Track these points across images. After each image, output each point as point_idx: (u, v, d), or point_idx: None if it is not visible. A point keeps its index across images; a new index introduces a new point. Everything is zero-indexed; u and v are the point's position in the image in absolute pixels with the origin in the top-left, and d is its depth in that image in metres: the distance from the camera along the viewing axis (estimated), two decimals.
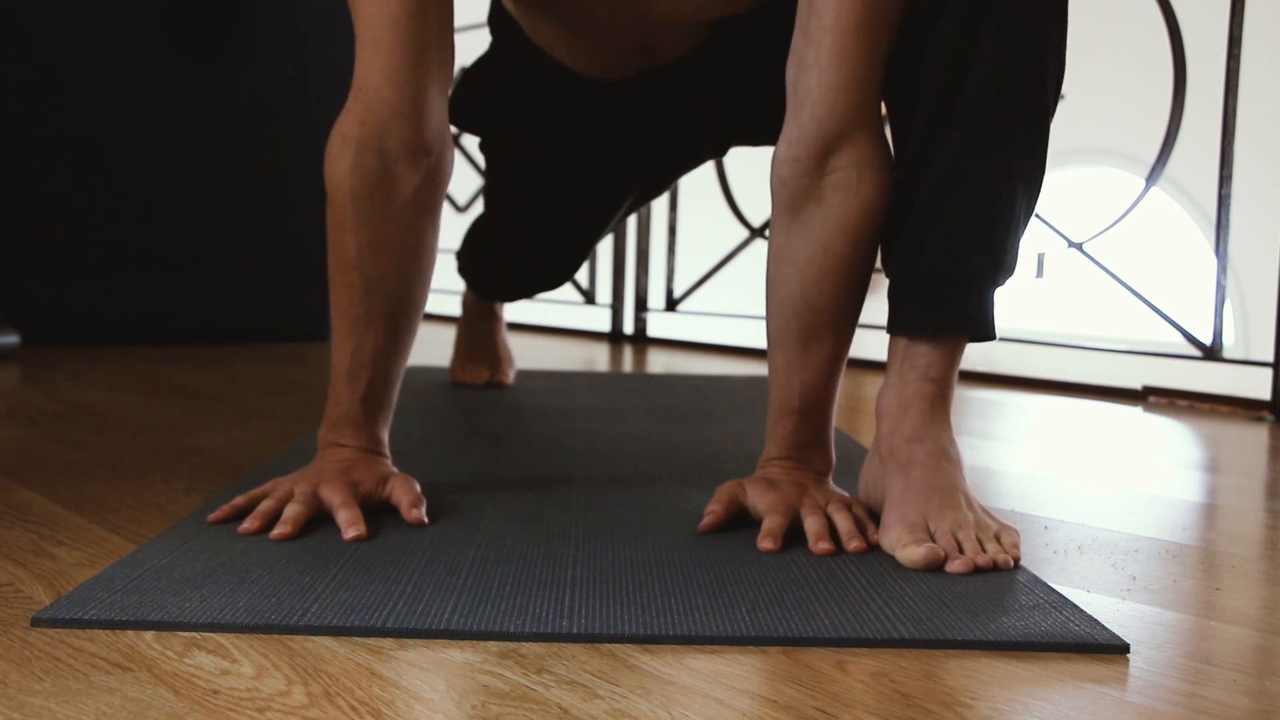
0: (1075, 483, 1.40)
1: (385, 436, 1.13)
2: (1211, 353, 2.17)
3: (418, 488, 1.08)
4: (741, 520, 1.08)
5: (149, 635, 0.77)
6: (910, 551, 0.95)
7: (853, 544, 0.99)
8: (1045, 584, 0.92)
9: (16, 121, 2.47)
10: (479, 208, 3.54)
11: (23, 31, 2.46)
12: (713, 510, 1.07)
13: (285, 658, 0.74)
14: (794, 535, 1.03)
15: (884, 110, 1.09)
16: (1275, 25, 4.31)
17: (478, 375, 2.01)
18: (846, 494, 1.09)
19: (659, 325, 3.17)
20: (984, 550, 0.96)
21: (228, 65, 2.65)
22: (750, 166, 3.69)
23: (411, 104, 1.07)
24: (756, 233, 2.90)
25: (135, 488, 1.20)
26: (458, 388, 1.96)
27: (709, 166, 2.98)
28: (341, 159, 1.07)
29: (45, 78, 2.48)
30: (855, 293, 1.09)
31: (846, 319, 1.09)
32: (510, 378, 2.03)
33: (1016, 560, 0.97)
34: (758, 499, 1.06)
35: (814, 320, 1.08)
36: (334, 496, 1.03)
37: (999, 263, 1.05)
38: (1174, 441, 1.82)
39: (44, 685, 0.69)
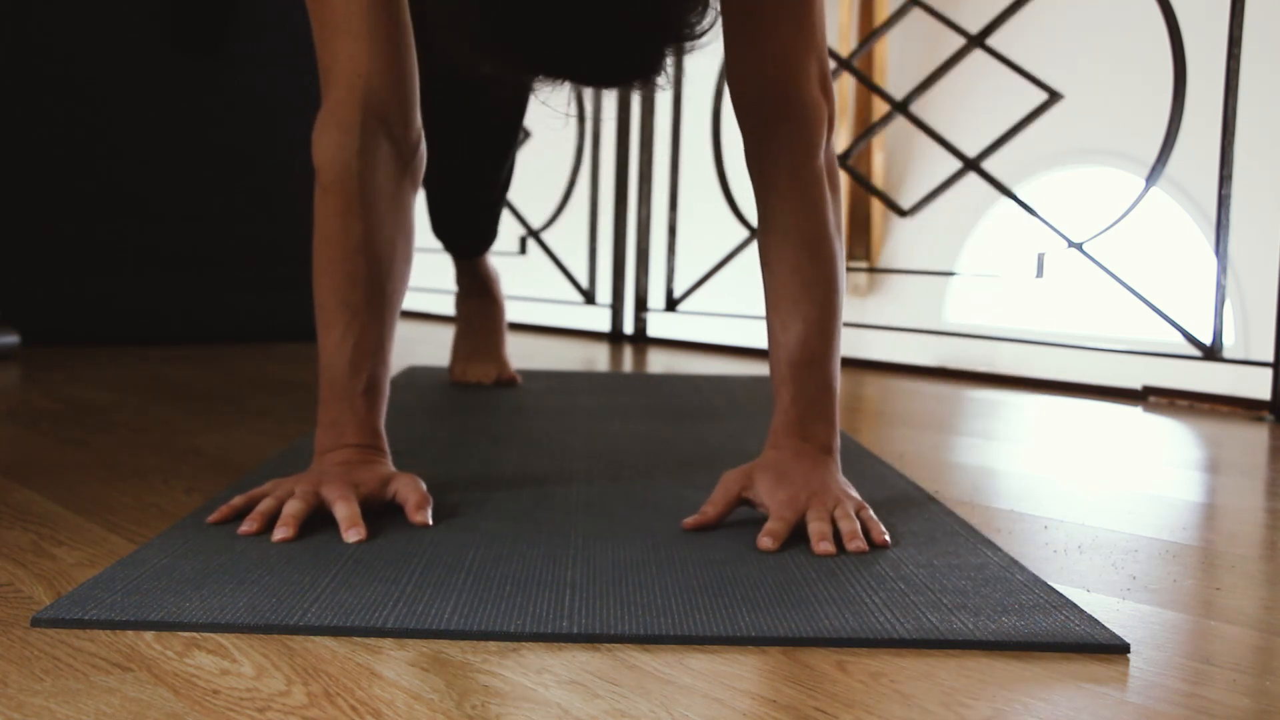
0: (1075, 483, 1.40)
1: (383, 430, 1.12)
2: (1211, 353, 2.18)
3: (423, 487, 1.08)
4: (740, 519, 1.08)
5: (149, 635, 0.77)
6: None
7: (854, 544, 0.99)
8: (1045, 583, 0.92)
9: (16, 122, 2.47)
10: None
11: (23, 32, 2.46)
12: (705, 512, 1.06)
13: (285, 658, 0.74)
14: (795, 532, 1.03)
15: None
16: (1275, 25, 4.31)
17: (483, 375, 1.99)
18: (856, 494, 1.08)
19: (659, 325, 3.17)
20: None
21: (228, 65, 2.65)
22: None
23: (406, 84, 1.11)
24: (756, 233, 2.90)
25: (135, 488, 1.20)
26: (458, 388, 1.96)
27: (709, 167, 2.98)
28: (345, 145, 1.08)
29: (45, 78, 2.48)
30: (804, 249, 1.10)
31: (808, 278, 1.10)
32: (496, 379, 2.00)
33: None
34: (766, 494, 1.05)
35: (775, 283, 1.11)
36: (335, 496, 1.03)
37: None
38: (1174, 441, 1.82)
39: (44, 685, 0.69)
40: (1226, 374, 2.28)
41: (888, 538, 1.02)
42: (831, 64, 2.79)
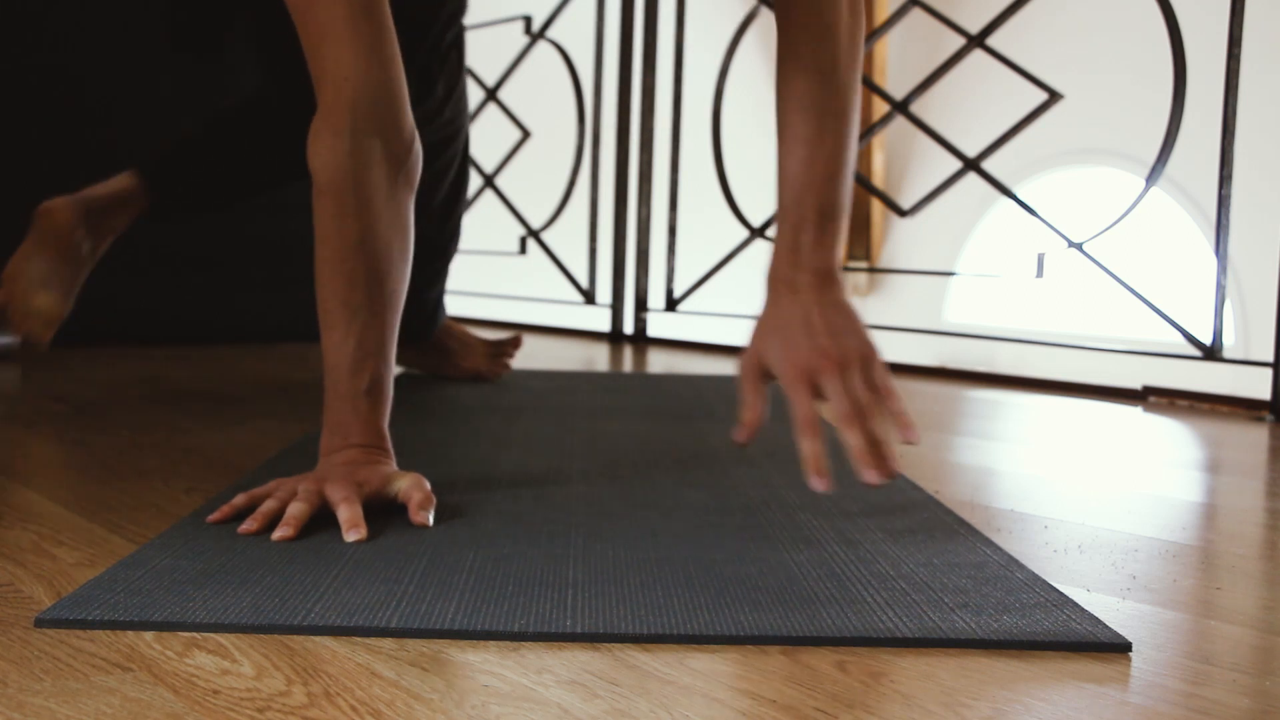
0: (1075, 483, 1.40)
1: (387, 430, 1.12)
2: (1211, 353, 2.18)
3: (427, 486, 1.08)
4: (744, 519, 1.08)
5: (149, 635, 0.77)
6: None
7: (888, 466, 1.01)
8: (1046, 582, 0.92)
9: (17, 122, 2.47)
10: (480, 206, 3.54)
11: (26, 32, 2.46)
12: (747, 417, 1.08)
13: (285, 658, 0.74)
14: (796, 531, 1.03)
15: None
16: (1275, 25, 4.31)
17: (478, 365, 2.03)
18: (865, 336, 1.08)
19: (659, 325, 3.17)
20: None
21: (228, 65, 2.65)
22: (750, 166, 3.69)
23: (397, 85, 1.11)
24: (756, 233, 2.90)
25: (135, 488, 1.20)
26: (459, 387, 1.96)
27: (709, 167, 2.98)
28: (337, 147, 1.09)
29: (47, 78, 2.48)
30: (815, 77, 1.11)
31: (817, 101, 1.11)
32: (471, 368, 2.04)
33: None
34: (777, 363, 1.07)
35: (785, 112, 1.13)
36: (338, 496, 1.03)
37: None
38: (1174, 441, 1.82)
39: (44, 685, 0.69)
40: (1226, 374, 2.28)
41: (913, 431, 1.04)
42: None
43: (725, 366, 2.57)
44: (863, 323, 1.10)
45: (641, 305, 3.14)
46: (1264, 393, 2.07)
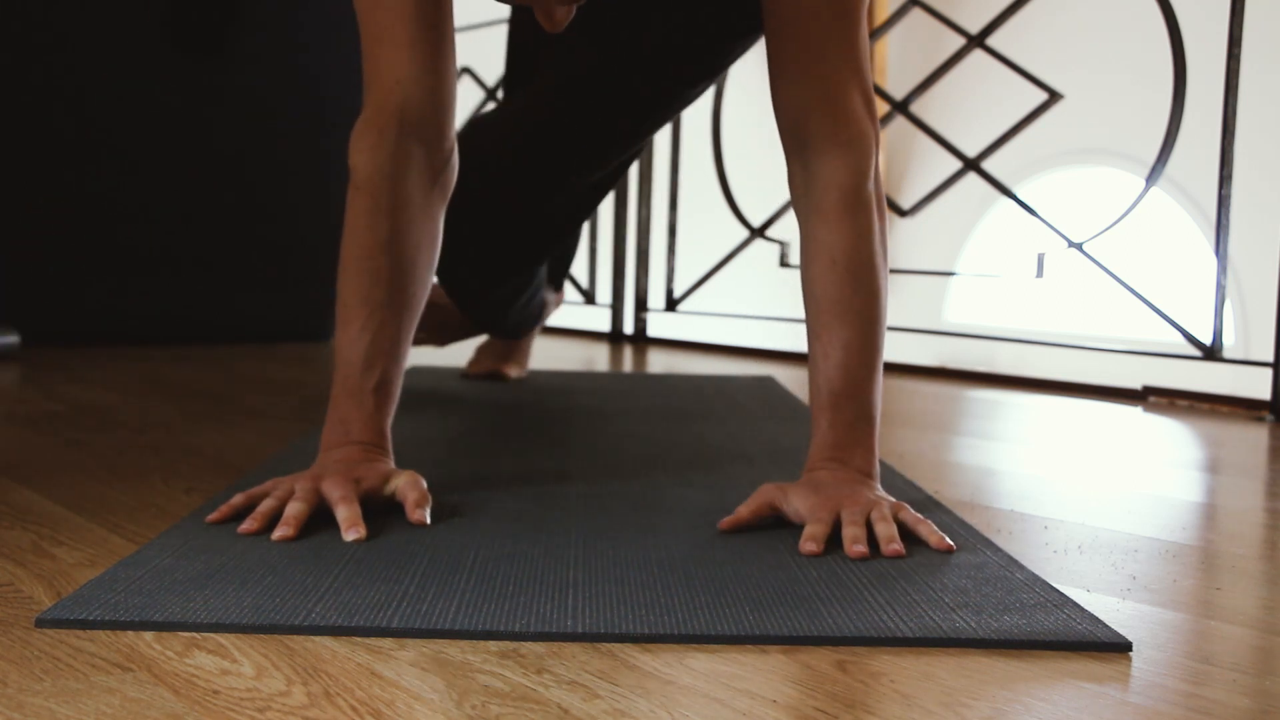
0: (1075, 483, 1.40)
1: (389, 431, 1.13)
2: (1211, 353, 2.18)
3: (424, 485, 1.08)
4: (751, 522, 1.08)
5: (149, 635, 0.77)
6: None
7: (890, 547, 0.98)
8: (1046, 582, 0.92)
9: (19, 123, 2.47)
10: None
11: (29, 33, 2.46)
12: (739, 512, 1.05)
13: (285, 658, 0.74)
14: (796, 531, 1.03)
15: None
16: (1275, 25, 4.31)
17: (481, 366, 2.08)
18: (893, 499, 1.07)
19: (659, 325, 3.17)
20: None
21: (231, 66, 2.65)
22: (750, 166, 3.70)
23: (443, 95, 1.13)
24: (756, 233, 2.90)
25: (135, 488, 1.20)
26: (461, 386, 1.96)
27: (709, 167, 2.98)
28: (380, 146, 1.11)
29: (49, 79, 2.48)
30: (849, 278, 1.09)
31: (851, 306, 1.09)
32: (512, 374, 2.08)
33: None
34: (799, 503, 1.04)
35: (818, 311, 1.11)
36: (335, 494, 1.02)
37: None
38: (1174, 441, 1.82)
39: (44, 685, 0.69)
40: (1226, 374, 2.28)
41: (946, 540, 1.00)
42: None
43: (725, 366, 2.57)
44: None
45: (641, 305, 3.14)
46: (1264, 393, 2.07)
